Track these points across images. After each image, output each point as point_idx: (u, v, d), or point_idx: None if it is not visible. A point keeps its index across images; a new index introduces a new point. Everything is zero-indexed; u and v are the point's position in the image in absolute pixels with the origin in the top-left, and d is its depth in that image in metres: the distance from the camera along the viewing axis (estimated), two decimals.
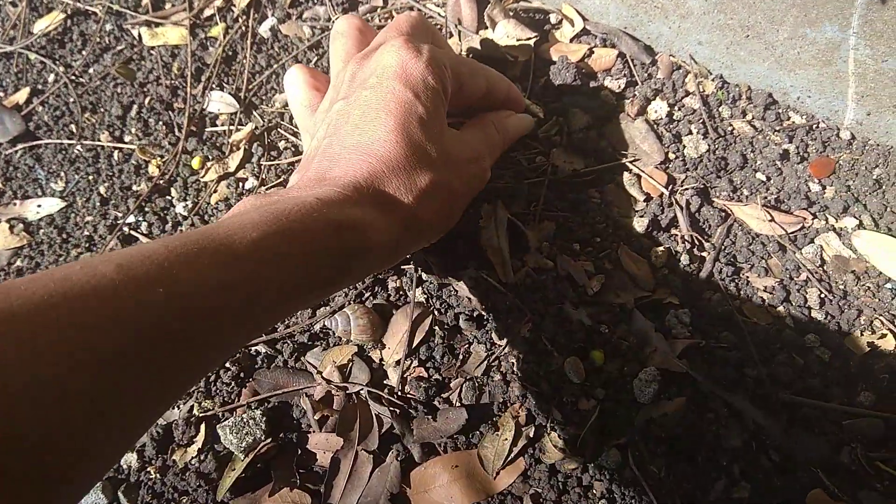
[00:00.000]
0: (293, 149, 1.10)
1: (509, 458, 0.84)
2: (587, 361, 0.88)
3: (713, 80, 1.04)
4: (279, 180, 1.06)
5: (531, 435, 0.85)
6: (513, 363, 0.90)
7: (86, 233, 1.07)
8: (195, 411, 0.93)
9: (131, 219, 1.06)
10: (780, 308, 0.89)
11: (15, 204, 1.14)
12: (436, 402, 0.89)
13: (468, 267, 0.96)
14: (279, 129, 1.11)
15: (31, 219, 1.11)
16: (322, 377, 0.93)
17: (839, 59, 0.95)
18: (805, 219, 0.94)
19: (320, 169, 0.67)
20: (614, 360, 0.88)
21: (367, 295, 0.98)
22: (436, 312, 0.95)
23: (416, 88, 0.69)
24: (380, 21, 1.18)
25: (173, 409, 0.93)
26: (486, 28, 1.11)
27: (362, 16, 1.20)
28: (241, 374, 0.94)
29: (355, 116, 0.68)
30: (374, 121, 0.67)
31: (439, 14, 1.15)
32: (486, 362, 0.91)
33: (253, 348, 0.96)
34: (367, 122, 0.68)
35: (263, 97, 1.15)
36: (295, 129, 1.10)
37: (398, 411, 0.89)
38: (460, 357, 0.92)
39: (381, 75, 0.70)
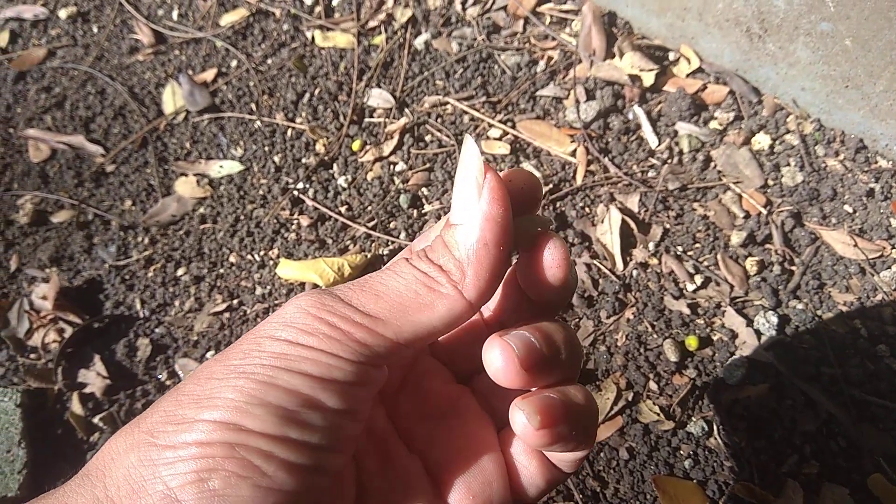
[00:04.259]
0: (437, 142, 1.24)
1: (609, 415, 0.95)
2: (683, 345, 0.99)
3: (812, 122, 1.15)
4: (425, 166, 1.21)
5: (629, 399, 0.96)
6: (616, 339, 1.02)
7: (260, 192, 1.23)
8: None
9: (300, 185, 1.22)
10: (857, 321, 0.99)
11: (200, 162, 1.31)
12: None
13: (583, 255, 1.08)
14: (426, 126, 1.26)
15: (213, 176, 1.28)
16: None
17: None
18: (885, 248, 1.03)
19: None
20: (707, 347, 0.99)
21: None
22: None
23: None
24: (518, 44, 1.32)
25: None
26: (614, 57, 1.24)
27: (505, 38, 1.34)
28: None
29: None
30: None
31: (572, 43, 1.29)
32: (593, 335, 1.02)
33: None
34: None
35: (415, 98, 1.30)
36: (440, 127, 1.25)
37: None
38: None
39: None
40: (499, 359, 0.35)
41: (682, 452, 0.92)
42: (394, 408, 0.42)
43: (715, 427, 0.93)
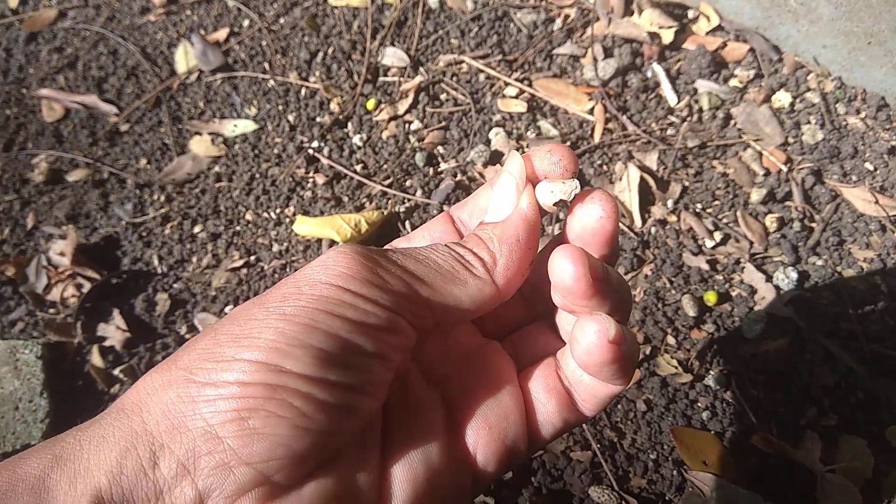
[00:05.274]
0: (453, 101, 1.23)
1: None
2: (701, 300, 0.99)
3: (833, 80, 1.13)
4: (440, 125, 1.20)
5: (647, 353, 0.96)
6: (634, 295, 1.01)
7: (275, 151, 1.22)
8: None
9: (315, 144, 1.21)
10: (877, 277, 0.98)
11: (214, 122, 1.30)
12: None
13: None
14: (441, 84, 1.24)
15: (227, 135, 1.27)
16: None
17: None
18: None
19: None
20: (726, 302, 0.99)
21: None
22: None
23: None
24: (535, 2, 1.30)
25: None
26: (633, 15, 1.22)
27: None
28: None
29: None
30: None
31: (589, 1, 1.27)
32: None
33: None
34: None
35: (430, 56, 1.28)
36: (455, 85, 1.23)
37: None
38: None
39: None
40: (569, 265, 0.35)
41: (699, 405, 0.92)
42: (419, 350, 0.42)
43: (733, 380, 0.93)
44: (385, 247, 0.43)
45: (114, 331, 1.09)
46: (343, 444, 0.34)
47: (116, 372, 1.04)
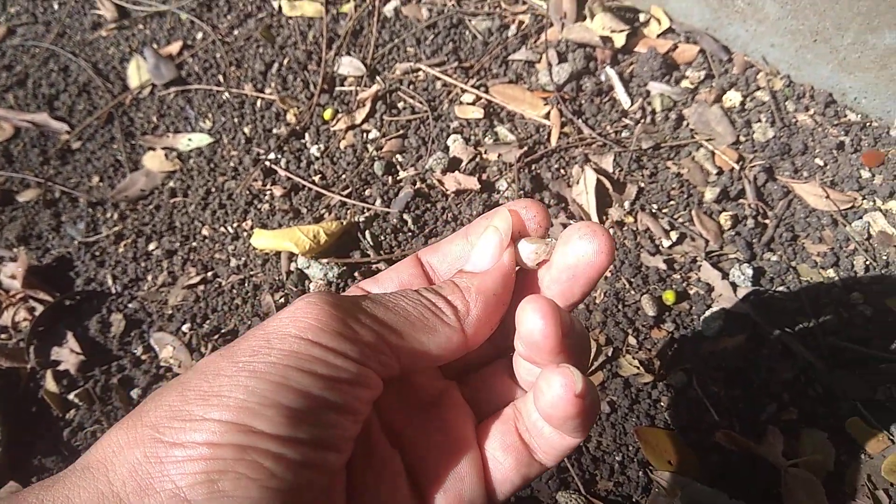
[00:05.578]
0: (410, 108, 1.22)
1: (589, 371, 0.95)
2: (660, 300, 0.98)
3: (781, 78, 1.14)
4: (398, 133, 1.18)
5: (609, 354, 0.95)
6: (594, 297, 1.01)
7: (231, 164, 1.20)
8: None
9: (272, 156, 1.19)
10: (830, 271, 0.99)
11: (168, 136, 1.26)
12: None
13: (559, 216, 1.07)
14: (399, 93, 1.23)
15: (182, 149, 1.24)
16: None
17: (895, 63, 1.05)
18: (856, 199, 1.03)
19: None
20: (684, 301, 0.99)
21: None
22: None
23: None
24: (489, 9, 1.30)
25: None
26: (585, 19, 1.22)
27: (475, 3, 1.31)
28: None
29: None
30: None
31: (542, 7, 1.27)
32: None
33: None
34: None
35: (386, 65, 1.27)
36: (412, 94, 1.22)
37: None
38: None
39: None
40: (538, 320, 0.34)
41: (662, 404, 0.92)
42: (379, 398, 0.42)
43: (694, 378, 0.92)
44: (353, 287, 0.44)
45: (68, 354, 1.05)
46: (309, 500, 0.33)
47: (71, 397, 1.00)
